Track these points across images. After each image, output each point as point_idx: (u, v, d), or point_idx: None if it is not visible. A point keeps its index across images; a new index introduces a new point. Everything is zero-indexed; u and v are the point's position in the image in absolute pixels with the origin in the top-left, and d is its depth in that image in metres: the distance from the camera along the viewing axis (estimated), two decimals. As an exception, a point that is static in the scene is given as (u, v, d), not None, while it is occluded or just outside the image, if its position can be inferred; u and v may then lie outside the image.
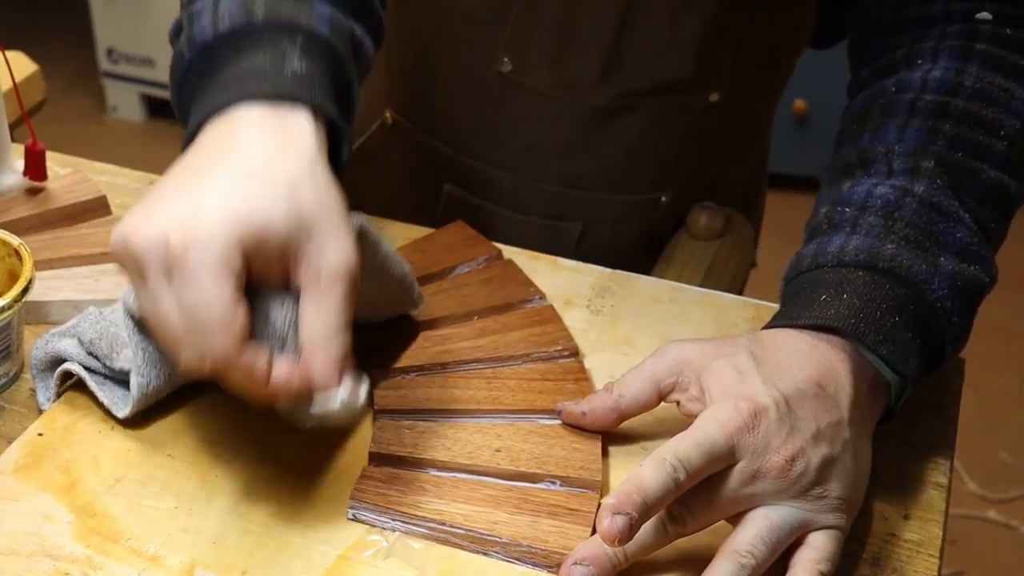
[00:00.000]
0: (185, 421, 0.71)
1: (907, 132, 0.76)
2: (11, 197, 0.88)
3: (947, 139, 0.75)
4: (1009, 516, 2.00)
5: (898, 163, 0.74)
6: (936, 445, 0.74)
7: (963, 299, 0.70)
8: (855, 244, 0.71)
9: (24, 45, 1.28)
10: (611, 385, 0.69)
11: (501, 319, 0.78)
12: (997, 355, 2.25)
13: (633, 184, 1.00)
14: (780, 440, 0.62)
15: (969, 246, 0.72)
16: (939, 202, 0.72)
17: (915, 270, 0.69)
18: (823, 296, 0.69)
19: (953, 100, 0.76)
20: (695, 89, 0.94)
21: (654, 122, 0.96)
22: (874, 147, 0.76)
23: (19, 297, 0.71)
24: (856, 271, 0.70)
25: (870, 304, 0.68)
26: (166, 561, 0.62)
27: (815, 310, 0.68)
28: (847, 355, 0.67)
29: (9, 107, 0.90)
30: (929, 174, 0.73)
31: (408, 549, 0.63)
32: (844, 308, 0.68)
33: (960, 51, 0.78)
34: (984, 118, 0.75)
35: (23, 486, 0.67)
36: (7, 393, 0.75)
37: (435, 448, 0.68)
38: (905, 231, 0.71)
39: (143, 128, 3.04)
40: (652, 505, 0.59)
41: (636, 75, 0.93)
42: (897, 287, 0.69)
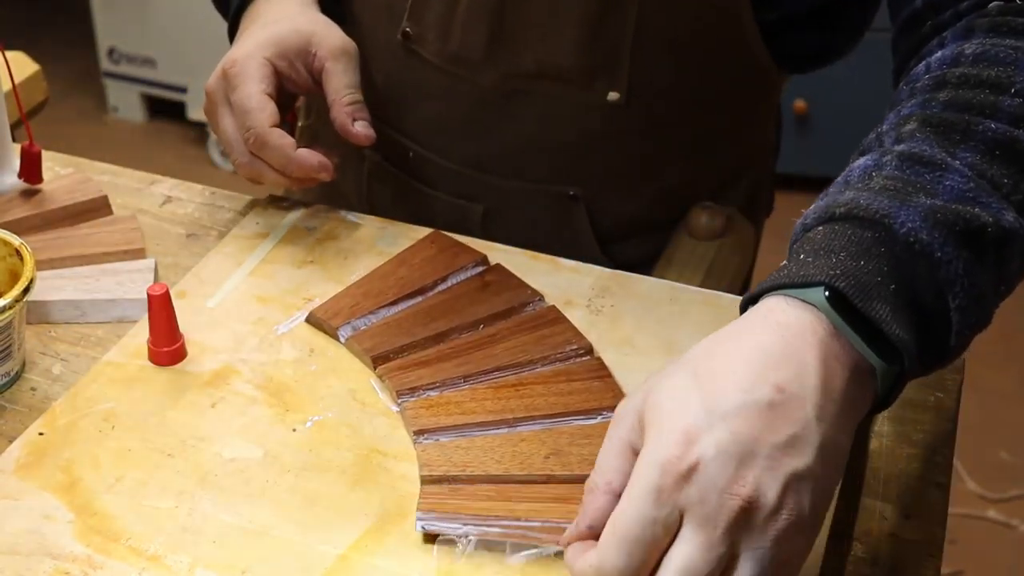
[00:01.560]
0: (186, 421, 0.71)
1: (901, 111, 0.70)
2: (12, 197, 0.88)
3: (940, 103, 0.68)
4: (1009, 515, 2.00)
5: (887, 139, 0.68)
6: (936, 445, 0.74)
7: (948, 231, 0.59)
8: (815, 207, 0.64)
9: (25, 45, 1.28)
10: (591, 483, 0.59)
11: (508, 325, 0.78)
12: (997, 355, 2.25)
13: (534, 173, 1.00)
14: (726, 477, 0.53)
15: (965, 192, 0.62)
16: (922, 153, 0.64)
17: (874, 206, 0.60)
18: (782, 264, 0.62)
19: (952, 70, 0.70)
20: (586, 83, 0.94)
21: (550, 113, 0.96)
22: (869, 137, 0.71)
23: (20, 297, 0.71)
24: (816, 229, 0.62)
25: (826, 254, 0.59)
26: (166, 561, 0.63)
27: (767, 279, 0.61)
28: (818, 340, 0.57)
29: (9, 107, 0.90)
30: (911, 134, 0.66)
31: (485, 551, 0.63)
32: (794, 266, 0.59)
33: (963, 31, 0.74)
34: (987, 78, 0.68)
35: (24, 485, 0.67)
36: (8, 393, 0.75)
37: (486, 463, 0.67)
38: (882, 183, 0.62)
39: (144, 128, 3.04)
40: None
41: (521, 56, 0.94)
42: (860, 230, 0.60)
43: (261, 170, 0.87)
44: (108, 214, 0.90)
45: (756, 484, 0.53)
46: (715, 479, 0.53)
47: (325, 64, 0.89)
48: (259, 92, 0.86)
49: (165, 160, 2.88)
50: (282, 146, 0.86)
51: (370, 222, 0.90)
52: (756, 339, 0.58)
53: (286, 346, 0.78)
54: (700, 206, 1.01)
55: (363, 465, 0.69)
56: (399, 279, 0.82)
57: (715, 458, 0.54)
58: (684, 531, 0.54)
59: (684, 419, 0.55)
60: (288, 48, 0.89)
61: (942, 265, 0.59)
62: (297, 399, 0.73)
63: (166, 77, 2.91)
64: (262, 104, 0.86)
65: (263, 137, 0.85)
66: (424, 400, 0.72)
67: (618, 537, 0.54)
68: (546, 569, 0.63)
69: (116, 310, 0.81)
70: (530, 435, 0.70)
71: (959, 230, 0.60)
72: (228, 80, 0.87)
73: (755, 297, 0.61)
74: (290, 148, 0.86)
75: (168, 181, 0.96)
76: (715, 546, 0.53)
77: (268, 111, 0.86)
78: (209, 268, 0.84)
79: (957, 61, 0.70)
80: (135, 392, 0.73)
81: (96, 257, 0.85)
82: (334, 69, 0.90)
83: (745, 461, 0.54)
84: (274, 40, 0.89)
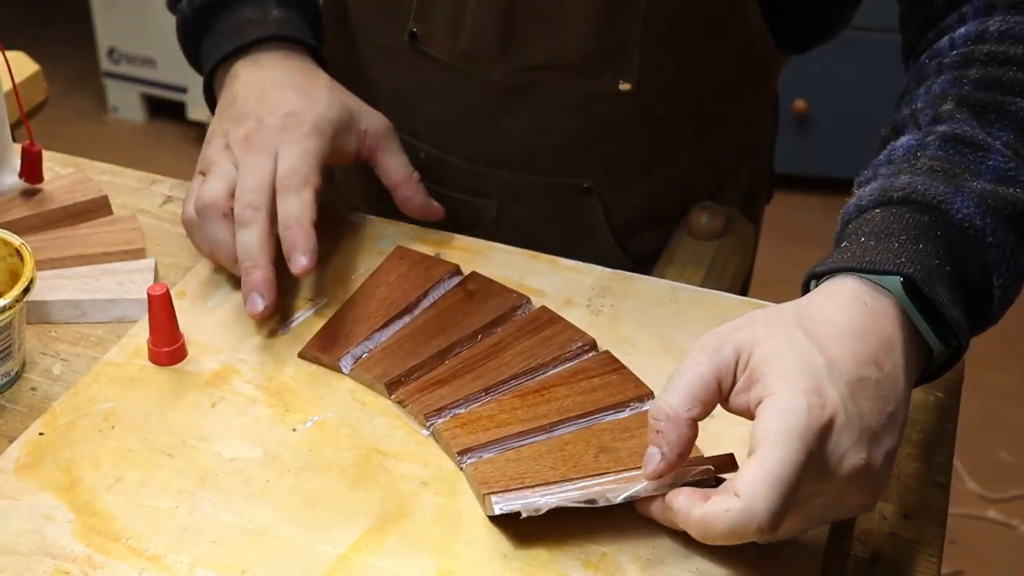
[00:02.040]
0: (186, 421, 0.71)
1: (933, 87, 0.73)
2: (12, 197, 0.88)
3: (972, 82, 0.71)
4: (1009, 515, 2.00)
5: (923, 117, 0.72)
6: (936, 445, 0.74)
7: (998, 216, 0.65)
8: (870, 188, 0.69)
9: (25, 45, 1.28)
10: (666, 412, 0.61)
11: (508, 331, 0.78)
12: (997, 355, 2.25)
13: (545, 166, 1.00)
14: (848, 445, 0.58)
15: (1006, 171, 0.67)
16: (963, 134, 0.69)
17: (932, 192, 0.65)
18: (843, 244, 0.66)
19: (979, 47, 0.73)
20: (598, 72, 0.94)
21: (560, 104, 0.96)
22: (904, 113, 0.75)
23: (20, 297, 0.71)
24: (873, 211, 0.67)
25: (889, 236, 0.64)
26: (166, 560, 0.63)
27: (833, 257, 0.65)
28: (900, 324, 0.62)
29: (9, 107, 0.90)
30: (950, 114, 0.70)
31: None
32: (860, 248, 0.64)
33: (984, 7, 0.76)
34: (1014, 55, 0.72)
35: (24, 485, 0.67)
36: (8, 392, 0.75)
37: (541, 471, 0.67)
38: (929, 164, 0.67)
39: (144, 128, 3.04)
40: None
41: (532, 50, 0.94)
42: (918, 214, 0.65)
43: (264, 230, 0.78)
44: (108, 214, 0.90)
45: (868, 454, 0.59)
46: (843, 440, 0.58)
47: (379, 143, 0.88)
48: (317, 149, 0.82)
49: (165, 160, 2.87)
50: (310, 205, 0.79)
51: (371, 222, 0.90)
52: (848, 315, 0.62)
53: (286, 346, 0.78)
54: (700, 206, 1.01)
55: (363, 465, 0.69)
56: (382, 300, 0.81)
57: (846, 423, 0.58)
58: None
59: (814, 376, 0.58)
60: (343, 126, 0.85)
61: (992, 248, 0.65)
62: (297, 399, 0.73)
63: (166, 77, 2.91)
64: (314, 168, 0.81)
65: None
66: (455, 419, 0.71)
67: (771, 478, 0.56)
68: (546, 569, 0.63)
69: (116, 310, 0.81)
70: (572, 437, 0.70)
71: (1007, 214, 0.65)
72: (284, 130, 0.82)
73: (820, 274, 0.65)
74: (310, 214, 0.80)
75: (168, 181, 0.96)
76: (813, 496, 0.58)
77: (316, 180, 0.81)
78: (209, 268, 0.84)
79: (982, 38, 0.73)
80: (135, 392, 0.73)
81: (96, 257, 0.85)
82: (389, 148, 0.88)
83: (862, 432, 0.59)
84: (330, 119, 0.85)
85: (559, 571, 0.63)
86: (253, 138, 0.81)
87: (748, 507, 0.56)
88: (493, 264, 0.86)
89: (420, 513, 0.66)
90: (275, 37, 0.88)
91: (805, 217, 2.62)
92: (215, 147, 0.83)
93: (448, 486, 0.68)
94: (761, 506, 0.56)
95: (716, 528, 0.58)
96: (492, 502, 0.64)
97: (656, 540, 0.64)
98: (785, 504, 0.56)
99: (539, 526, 0.65)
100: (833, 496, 0.60)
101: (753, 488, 0.56)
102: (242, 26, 0.89)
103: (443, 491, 0.67)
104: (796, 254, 2.33)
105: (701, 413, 0.61)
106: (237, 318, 0.79)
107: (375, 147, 0.88)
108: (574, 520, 0.65)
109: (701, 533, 0.59)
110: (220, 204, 0.79)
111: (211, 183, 0.80)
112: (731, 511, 0.57)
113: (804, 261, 0.77)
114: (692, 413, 0.61)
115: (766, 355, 0.60)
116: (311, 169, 0.80)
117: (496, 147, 1.00)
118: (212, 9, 0.91)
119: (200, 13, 0.92)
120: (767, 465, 0.56)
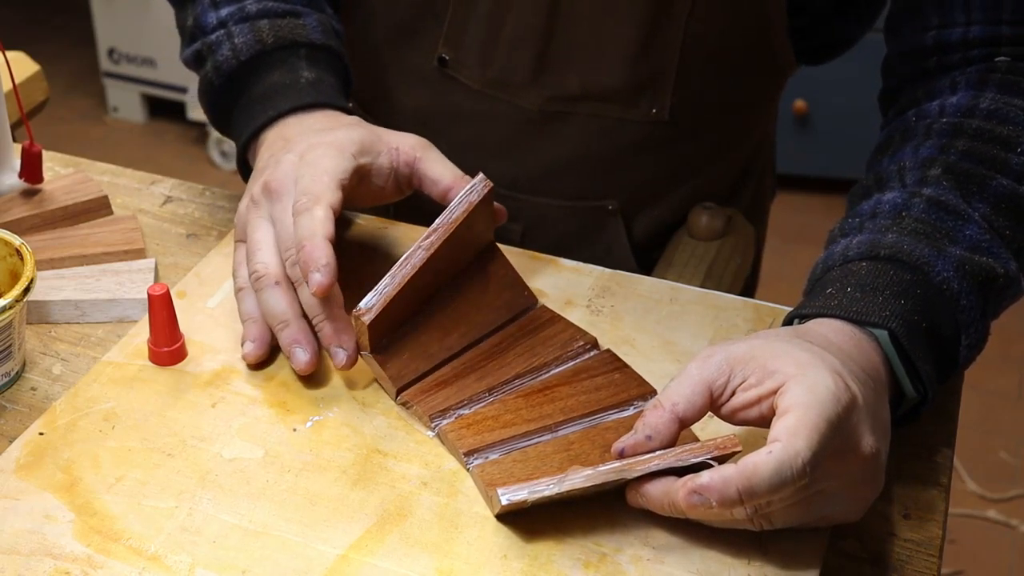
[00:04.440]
0: (186, 421, 0.71)
1: (921, 150, 0.78)
2: (12, 197, 0.88)
3: (959, 152, 0.76)
4: (1009, 516, 2.00)
5: (909, 176, 0.76)
6: (936, 445, 0.74)
7: (973, 282, 0.70)
8: (858, 240, 0.72)
9: (25, 45, 1.28)
10: (658, 400, 0.65)
11: (508, 331, 0.78)
12: (996, 355, 2.25)
13: (573, 191, 1.00)
14: (865, 429, 0.62)
15: (980, 242, 0.72)
16: (947, 201, 0.73)
17: (916, 253, 0.70)
18: (828, 290, 0.70)
19: (968, 120, 0.78)
20: (632, 101, 0.94)
21: (592, 131, 0.96)
22: (889, 167, 0.79)
23: (20, 297, 0.71)
24: (859, 263, 0.71)
25: (873, 290, 0.68)
26: (166, 560, 0.63)
27: (819, 301, 0.69)
28: (882, 360, 0.67)
29: (10, 107, 0.90)
30: (936, 180, 0.74)
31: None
32: (846, 299, 0.69)
33: (977, 81, 0.81)
34: (999, 135, 0.77)
35: (24, 485, 0.67)
36: (8, 392, 0.75)
37: (547, 471, 0.67)
38: (913, 225, 0.72)
39: (144, 128, 3.04)
40: (746, 504, 0.60)
41: (566, 80, 0.94)
42: (901, 272, 0.69)
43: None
44: (108, 214, 0.90)
45: (879, 443, 0.63)
46: (862, 422, 0.62)
47: (415, 155, 0.81)
48: (335, 176, 0.76)
49: (165, 160, 2.88)
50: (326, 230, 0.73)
51: (372, 222, 0.90)
52: (842, 339, 0.67)
53: (286, 346, 0.78)
54: (700, 206, 1.02)
55: (363, 465, 0.69)
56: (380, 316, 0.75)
57: (864, 407, 0.62)
58: None
59: (832, 364, 0.62)
60: (367, 146, 0.80)
61: (964, 310, 0.70)
62: (297, 399, 0.73)
63: (166, 77, 2.92)
64: (332, 187, 0.75)
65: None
66: (460, 420, 0.71)
67: (810, 423, 0.59)
68: (546, 569, 0.63)
69: (116, 310, 0.81)
70: (577, 437, 0.70)
71: (979, 280, 0.70)
72: (300, 160, 0.77)
73: (806, 316, 0.70)
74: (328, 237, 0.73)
75: (168, 181, 0.96)
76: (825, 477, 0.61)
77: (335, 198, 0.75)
78: (209, 268, 0.84)
79: (972, 112, 0.79)
80: (135, 392, 0.73)
81: (96, 257, 0.85)
82: (429, 156, 0.81)
83: (876, 421, 0.63)
84: (351, 139, 0.79)
85: (559, 571, 0.63)
86: (272, 182, 0.77)
87: (790, 446, 0.59)
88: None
89: (420, 513, 0.66)
90: (307, 106, 0.84)
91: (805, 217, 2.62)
92: (243, 206, 0.79)
93: (448, 486, 0.68)
94: (803, 445, 0.59)
95: (762, 472, 0.59)
96: (499, 493, 0.64)
97: (656, 540, 0.64)
98: (823, 449, 0.59)
99: (539, 525, 0.65)
100: (843, 483, 0.62)
101: (792, 431, 0.59)
102: (273, 93, 0.85)
103: (443, 491, 0.68)
104: (796, 254, 2.34)
105: (684, 410, 0.64)
106: (237, 318, 0.79)
107: (413, 160, 0.81)
108: (574, 520, 0.65)
109: (745, 483, 0.59)
110: (271, 274, 0.74)
111: (256, 254, 0.75)
112: (774, 452, 0.59)
113: (804, 261, 0.78)
114: (677, 408, 0.64)
115: (776, 353, 0.63)
116: (324, 186, 0.74)
117: (524, 172, 1.00)
118: (240, 74, 0.87)
119: (228, 79, 0.87)
120: (802, 414, 0.59)
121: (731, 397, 0.64)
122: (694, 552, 0.64)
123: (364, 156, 0.79)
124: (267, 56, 0.86)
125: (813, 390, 0.61)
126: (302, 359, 0.73)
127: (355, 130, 0.80)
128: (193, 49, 0.90)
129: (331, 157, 0.76)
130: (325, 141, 0.78)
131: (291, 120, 0.83)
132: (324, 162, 0.76)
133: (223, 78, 0.87)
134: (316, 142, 0.78)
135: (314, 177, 0.75)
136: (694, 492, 0.61)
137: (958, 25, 0.82)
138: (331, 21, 0.91)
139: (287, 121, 0.83)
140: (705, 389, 0.64)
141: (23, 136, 0.90)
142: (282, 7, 0.88)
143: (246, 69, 0.87)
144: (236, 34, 0.87)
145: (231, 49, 0.87)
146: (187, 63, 0.92)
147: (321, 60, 0.88)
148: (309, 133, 0.80)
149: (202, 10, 0.89)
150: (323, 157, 0.76)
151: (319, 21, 0.89)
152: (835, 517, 0.64)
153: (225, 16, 0.88)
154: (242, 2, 0.88)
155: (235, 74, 0.87)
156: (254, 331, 0.75)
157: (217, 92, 0.88)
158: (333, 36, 0.90)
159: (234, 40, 0.87)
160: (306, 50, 0.87)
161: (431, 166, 0.81)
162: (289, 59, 0.86)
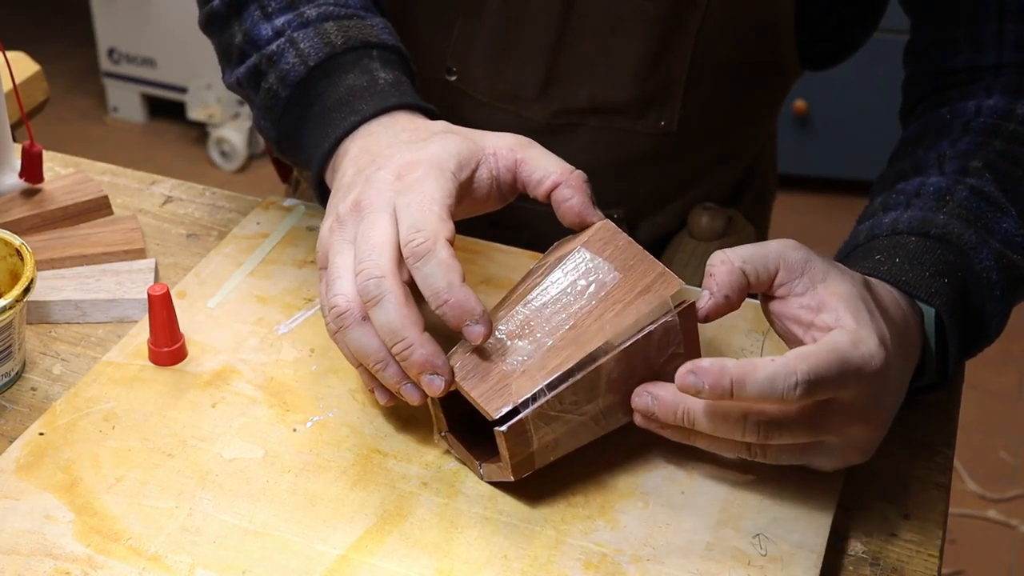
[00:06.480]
0: (186, 421, 0.71)
1: (959, 143, 0.80)
2: (12, 197, 0.88)
3: (996, 152, 0.79)
4: (1009, 515, 2.00)
5: (949, 165, 0.78)
6: (936, 445, 0.74)
7: (1008, 278, 0.73)
8: (908, 215, 0.75)
9: (25, 45, 1.28)
10: (727, 256, 0.66)
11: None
12: (996, 355, 2.25)
13: None
14: (886, 395, 0.65)
15: (1014, 237, 0.75)
16: (989, 192, 0.76)
17: (966, 238, 0.73)
18: (877, 256, 0.72)
19: (1005, 123, 0.81)
20: (640, 114, 0.95)
21: (599, 142, 0.96)
22: (927, 155, 0.81)
23: (20, 297, 0.71)
24: (909, 237, 0.73)
25: (920, 265, 0.71)
26: (166, 561, 0.63)
27: (868, 264, 0.72)
28: (920, 337, 0.70)
29: (10, 107, 0.90)
30: (978, 171, 0.77)
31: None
32: (895, 268, 0.71)
33: (1013, 88, 0.83)
34: None
35: (24, 485, 0.67)
36: (8, 392, 0.75)
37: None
38: (957, 210, 0.74)
39: (144, 128, 3.04)
40: (734, 398, 0.61)
41: (574, 93, 0.94)
42: (947, 253, 0.72)
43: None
44: (108, 214, 0.90)
45: (889, 415, 0.66)
46: (883, 395, 0.64)
47: (515, 156, 0.72)
48: (445, 189, 0.68)
49: (165, 160, 2.88)
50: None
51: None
52: (897, 314, 0.68)
53: (286, 346, 0.78)
54: (701, 207, 1.02)
55: (363, 465, 0.69)
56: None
57: (889, 382, 0.64)
58: None
59: (882, 334, 0.64)
60: (465, 158, 0.71)
61: (995, 300, 0.73)
62: (297, 399, 0.73)
63: (166, 77, 2.92)
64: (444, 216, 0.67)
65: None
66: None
67: (824, 356, 0.61)
68: (546, 569, 0.63)
69: (116, 310, 0.81)
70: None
71: (1013, 275, 0.74)
72: (397, 181, 0.69)
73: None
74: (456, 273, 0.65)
75: (168, 181, 0.96)
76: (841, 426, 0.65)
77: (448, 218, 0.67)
78: (209, 268, 0.84)
79: (1008, 116, 0.82)
80: (135, 392, 0.73)
81: (96, 257, 0.85)
82: (530, 154, 0.72)
83: (898, 393, 0.67)
84: (448, 152, 0.71)
85: (559, 571, 0.63)
86: (363, 200, 0.68)
87: (792, 364, 0.60)
88: (493, 264, 0.86)
89: (420, 513, 0.66)
90: (390, 108, 0.76)
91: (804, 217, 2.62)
92: (325, 228, 0.70)
93: (448, 486, 0.68)
94: (804, 368, 0.60)
95: (756, 374, 0.60)
96: (492, 411, 0.63)
97: (656, 540, 0.64)
98: (819, 385, 0.60)
99: (540, 526, 0.65)
100: (842, 443, 0.65)
101: (804, 356, 0.61)
102: (351, 98, 0.77)
103: (443, 491, 0.68)
104: (796, 254, 2.33)
105: (752, 270, 0.66)
106: (237, 318, 0.79)
107: (514, 164, 0.72)
108: (575, 520, 0.65)
109: (739, 377, 0.60)
110: (354, 309, 0.66)
111: (334, 284, 0.67)
112: (776, 362, 0.60)
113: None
114: (745, 265, 0.65)
115: (842, 294, 0.65)
116: (437, 217, 0.66)
117: None
118: (310, 81, 0.79)
119: (296, 89, 0.79)
120: (827, 352, 0.61)
121: (785, 297, 0.66)
122: (694, 552, 0.64)
123: (464, 171, 0.70)
124: (339, 58, 0.79)
125: (855, 345, 0.62)
126: (439, 386, 0.65)
127: (450, 140, 0.71)
128: (248, 65, 0.82)
129: (432, 178, 0.68)
130: (422, 159, 0.69)
131: (375, 127, 0.75)
132: (426, 186, 0.68)
133: (290, 88, 0.79)
134: (412, 160, 0.70)
135: (421, 207, 0.67)
136: (691, 372, 0.61)
137: (991, 49, 0.84)
138: (390, 24, 0.86)
139: (370, 129, 0.75)
140: (775, 268, 0.66)
141: (23, 136, 0.90)
142: (343, 10, 0.82)
143: (316, 74, 0.79)
144: (300, 40, 0.80)
145: (297, 55, 0.79)
146: (240, 84, 0.83)
147: (394, 61, 0.81)
148: (398, 146, 0.72)
149: (252, 24, 0.82)
150: (424, 179, 0.68)
151: (384, 23, 0.84)
152: (818, 466, 0.66)
153: (282, 24, 0.81)
154: (298, 8, 0.81)
155: (304, 82, 0.79)
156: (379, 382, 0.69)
157: (283, 106, 0.80)
158: (398, 38, 0.84)
159: (299, 46, 0.80)
160: (378, 51, 0.80)
161: (534, 165, 0.72)
162: (361, 60, 0.79)
